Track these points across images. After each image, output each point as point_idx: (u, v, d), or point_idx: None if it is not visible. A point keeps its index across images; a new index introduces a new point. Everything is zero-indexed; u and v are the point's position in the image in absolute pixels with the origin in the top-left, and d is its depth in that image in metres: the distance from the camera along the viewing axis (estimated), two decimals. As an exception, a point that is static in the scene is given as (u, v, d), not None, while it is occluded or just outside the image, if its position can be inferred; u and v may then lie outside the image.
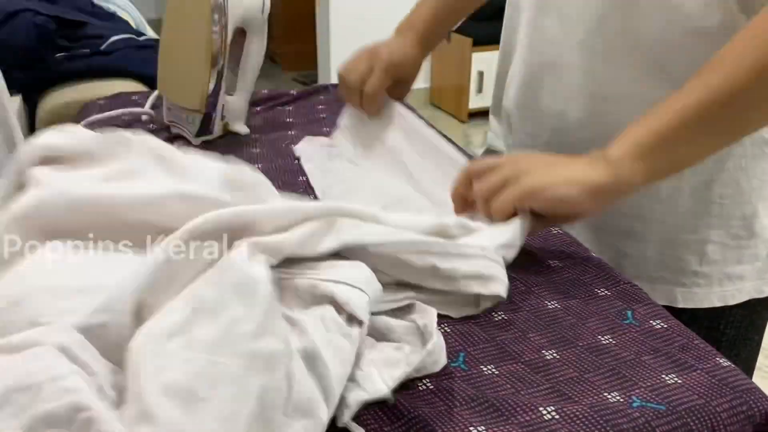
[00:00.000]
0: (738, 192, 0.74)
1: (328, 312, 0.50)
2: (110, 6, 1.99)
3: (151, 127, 1.01)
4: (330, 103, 1.15)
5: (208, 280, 0.48)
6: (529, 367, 0.54)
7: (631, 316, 0.60)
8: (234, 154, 0.93)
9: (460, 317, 0.59)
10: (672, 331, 0.58)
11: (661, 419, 0.48)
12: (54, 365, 0.40)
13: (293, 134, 1.02)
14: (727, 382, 0.52)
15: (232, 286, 0.45)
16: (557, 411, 0.48)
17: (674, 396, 0.50)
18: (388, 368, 0.48)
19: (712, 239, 0.76)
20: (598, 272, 0.67)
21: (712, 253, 0.76)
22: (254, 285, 0.46)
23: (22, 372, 0.40)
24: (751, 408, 0.50)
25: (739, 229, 0.76)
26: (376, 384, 0.47)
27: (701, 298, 0.78)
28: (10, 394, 0.38)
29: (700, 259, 0.77)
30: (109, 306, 0.46)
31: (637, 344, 0.56)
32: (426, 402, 0.49)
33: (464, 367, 0.54)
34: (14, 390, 0.39)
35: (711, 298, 0.78)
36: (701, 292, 0.77)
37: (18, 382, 0.39)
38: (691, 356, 0.55)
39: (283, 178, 0.87)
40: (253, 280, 0.46)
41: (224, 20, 0.88)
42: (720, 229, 0.76)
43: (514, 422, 0.47)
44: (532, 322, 0.59)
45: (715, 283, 0.77)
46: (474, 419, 0.48)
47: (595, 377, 0.52)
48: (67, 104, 1.40)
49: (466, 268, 0.58)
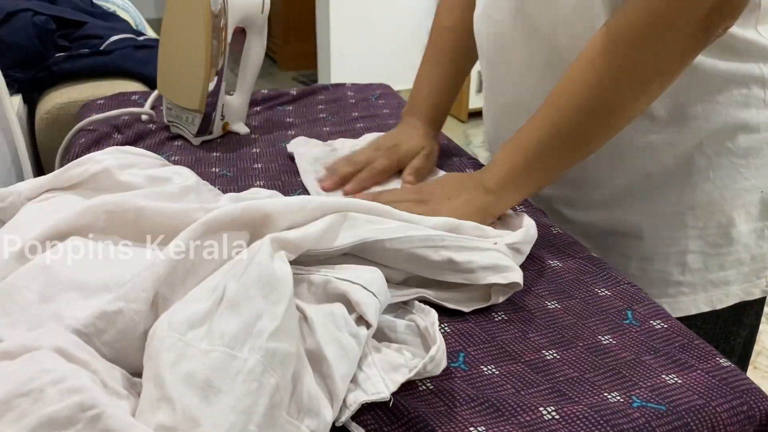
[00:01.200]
0: (709, 202, 0.76)
1: (338, 309, 0.50)
2: (110, 6, 1.99)
3: (151, 127, 1.01)
4: (330, 103, 1.15)
5: (232, 273, 0.48)
6: (529, 367, 0.54)
7: (631, 316, 0.60)
8: (234, 153, 0.93)
9: (460, 318, 0.59)
10: (672, 331, 0.58)
11: (661, 419, 0.48)
12: (53, 368, 0.40)
13: (293, 134, 1.02)
14: (727, 382, 0.52)
15: (255, 282, 0.46)
16: (557, 411, 0.48)
17: (674, 396, 0.50)
18: (389, 372, 0.48)
19: (691, 249, 0.78)
20: (598, 272, 0.67)
21: (693, 263, 0.78)
22: (277, 283, 0.46)
23: (21, 377, 0.39)
24: (751, 408, 0.50)
25: (716, 237, 0.77)
26: (377, 386, 0.47)
27: (688, 306, 0.79)
28: (12, 400, 0.38)
29: (682, 270, 0.78)
30: (126, 295, 0.47)
31: (637, 344, 0.56)
32: (426, 402, 0.49)
33: (464, 367, 0.53)
34: (15, 396, 0.38)
35: (698, 305, 0.79)
36: (687, 300, 0.79)
37: (18, 387, 0.39)
38: (692, 356, 0.55)
39: (283, 178, 0.87)
40: (276, 278, 0.46)
41: (224, 20, 0.88)
42: (698, 239, 0.77)
43: (514, 422, 0.47)
44: (532, 322, 0.59)
45: (700, 290, 0.79)
46: (474, 419, 0.47)
47: (595, 377, 0.52)
48: (66, 104, 1.39)
49: (481, 260, 0.59)
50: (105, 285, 0.49)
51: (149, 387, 0.41)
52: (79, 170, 0.64)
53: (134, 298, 0.47)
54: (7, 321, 0.49)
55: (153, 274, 0.48)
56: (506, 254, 0.61)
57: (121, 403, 0.41)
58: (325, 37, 3.40)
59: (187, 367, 0.41)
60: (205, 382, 0.40)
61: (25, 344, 0.42)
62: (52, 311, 0.48)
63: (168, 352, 0.42)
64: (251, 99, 1.10)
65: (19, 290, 0.50)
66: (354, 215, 0.58)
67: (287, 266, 0.48)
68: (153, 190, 0.61)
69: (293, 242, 0.52)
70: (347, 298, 0.51)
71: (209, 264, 0.51)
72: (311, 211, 0.56)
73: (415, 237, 0.58)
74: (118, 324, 0.46)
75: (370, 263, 0.58)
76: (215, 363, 0.41)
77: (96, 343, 0.46)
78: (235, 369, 0.41)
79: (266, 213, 0.53)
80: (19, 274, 0.52)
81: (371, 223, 0.58)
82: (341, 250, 0.57)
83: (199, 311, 0.45)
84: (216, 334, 0.43)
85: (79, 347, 0.43)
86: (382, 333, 0.54)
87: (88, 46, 1.59)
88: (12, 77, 1.47)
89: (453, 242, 0.59)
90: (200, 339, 0.43)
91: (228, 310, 0.44)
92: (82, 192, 0.65)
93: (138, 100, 1.12)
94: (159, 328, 0.44)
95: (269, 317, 0.44)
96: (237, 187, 0.83)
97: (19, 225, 0.59)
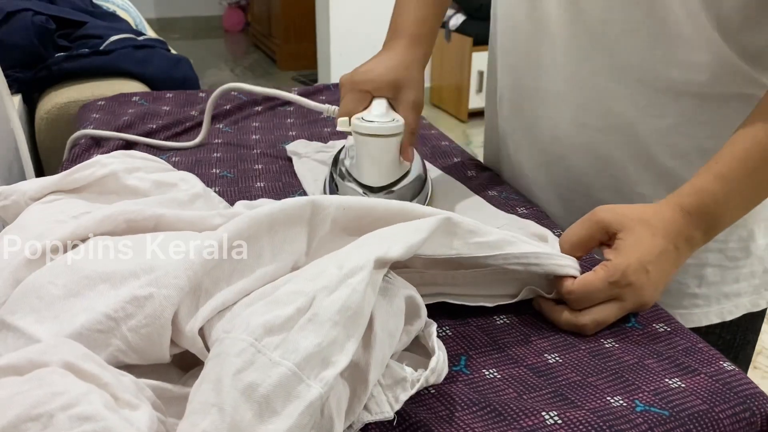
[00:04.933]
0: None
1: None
2: (110, 5, 1.98)
3: (152, 126, 1.00)
4: (330, 103, 1.14)
5: (323, 284, 0.45)
6: (531, 370, 0.53)
7: (634, 320, 0.60)
8: (234, 154, 0.93)
9: (462, 321, 0.59)
10: (675, 334, 0.58)
11: (664, 425, 0.48)
12: (63, 390, 0.39)
13: (294, 135, 1.01)
14: (731, 387, 0.51)
15: (344, 308, 0.43)
16: (560, 416, 0.48)
17: (678, 401, 0.50)
18: (392, 387, 0.48)
19: (710, 262, 0.77)
20: (601, 275, 0.66)
21: (711, 276, 0.77)
22: (362, 319, 0.44)
23: (30, 400, 0.38)
24: (753, 414, 0.50)
25: (735, 251, 0.76)
26: (382, 406, 0.46)
27: (700, 318, 0.78)
28: (20, 424, 0.37)
29: (699, 282, 0.77)
30: (158, 280, 0.46)
31: (640, 348, 0.56)
32: (427, 407, 0.49)
33: (466, 371, 0.53)
34: (24, 419, 0.37)
35: (709, 317, 0.79)
36: (700, 312, 0.78)
37: (27, 411, 0.38)
38: (695, 360, 0.54)
39: (283, 179, 0.86)
40: (363, 314, 0.44)
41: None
42: (718, 253, 0.76)
43: (516, 427, 0.47)
44: (534, 325, 0.59)
45: (713, 303, 0.78)
46: (476, 424, 0.47)
47: (597, 381, 0.52)
48: (66, 104, 1.39)
49: (560, 270, 0.59)
50: (133, 272, 0.48)
51: (207, 388, 0.40)
52: (86, 173, 0.64)
53: (165, 284, 0.46)
54: (36, 317, 0.48)
55: (186, 261, 0.47)
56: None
57: (134, 414, 0.40)
58: (325, 37, 3.40)
59: (251, 377, 0.39)
60: (264, 398, 0.39)
61: (32, 359, 0.42)
62: (83, 305, 0.47)
63: (236, 358, 0.40)
64: (251, 99, 1.09)
65: (45, 286, 0.49)
66: (458, 221, 0.54)
67: (374, 298, 0.46)
68: (164, 197, 0.61)
69: (396, 259, 0.48)
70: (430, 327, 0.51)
71: (261, 261, 0.49)
72: (408, 214, 0.53)
73: (511, 255, 0.56)
74: (147, 308, 0.45)
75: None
76: (280, 380, 0.39)
77: (122, 328, 0.46)
78: (298, 393, 0.39)
79: (364, 212, 0.52)
80: (42, 271, 0.51)
81: (474, 235, 0.55)
82: (434, 258, 0.55)
83: (281, 317, 0.43)
84: (291, 347, 0.41)
85: (87, 359, 0.42)
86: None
87: (88, 46, 1.59)
88: (12, 77, 1.46)
89: (546, 260, 0.57)
90: (275, 347, 0.41)
91: (311, 325, 0.42)
92: (88, 195, 0.64)
93: (138, 101, 1.12)
94: (236, 327, 0.43)
95: (342, 348, 0.42)
96: (237, 188, 0.83)
97: (26, 227, 0.59)
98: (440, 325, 0.55)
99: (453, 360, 0.54)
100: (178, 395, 0.46)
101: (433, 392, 0.50)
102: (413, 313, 0.51)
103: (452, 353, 0.54)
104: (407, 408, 0.47)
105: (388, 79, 0.76)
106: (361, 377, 0.45)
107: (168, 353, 0.47)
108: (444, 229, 0.54)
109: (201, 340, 0.47)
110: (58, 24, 1.59)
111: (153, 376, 0.47)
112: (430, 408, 0.49)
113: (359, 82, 0.76)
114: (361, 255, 0.47)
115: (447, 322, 0.58)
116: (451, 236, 0.55)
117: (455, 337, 0.57)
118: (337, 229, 0.53)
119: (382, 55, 0.80)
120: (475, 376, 0.52)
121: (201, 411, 0.39)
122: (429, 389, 0.50)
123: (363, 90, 0.75)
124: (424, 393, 0.50)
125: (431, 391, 0.50)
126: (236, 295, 0.48)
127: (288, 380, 0.40)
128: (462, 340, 0.57)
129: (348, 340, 0.42)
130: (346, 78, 0.78)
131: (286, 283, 0.48)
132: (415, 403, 0.49)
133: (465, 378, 0.52)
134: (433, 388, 0.50)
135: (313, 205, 0.52)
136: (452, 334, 0.57)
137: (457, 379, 0.52)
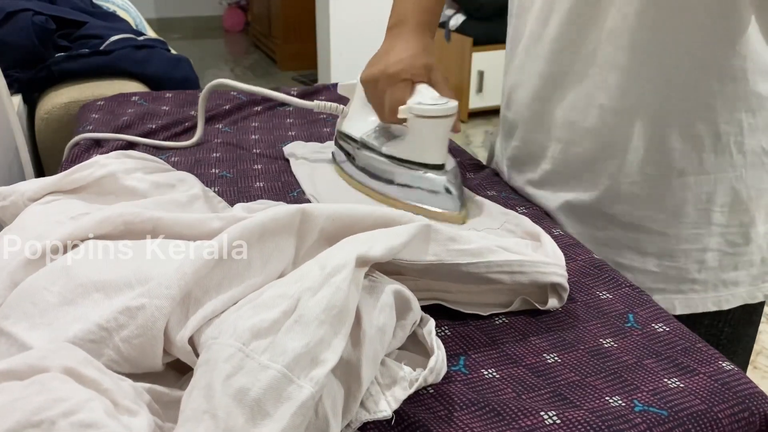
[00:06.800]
0: (737, 201, 0.75)
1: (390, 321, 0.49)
2: (110, 5, 1.98)
3: (152, 126, 1.00)
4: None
5: (307, 286, 0.45)
6: (530, 370, 0.53)
7: (632, 320, 0.60)
8: (234, 154, 0.93)
9: (460, 321, 0.59)
10: (674, 334, 0.58)
11: (662, 425, 0.48)
12: (65, 397, 0.39)
13: (292, 134, 1.01)
14: (729, 386, 0.51)
15: (329, 307, 0.43)
16: (558, 416, 0.48)
17: (676, 401, 0.50)
18: (390, 386, 0.48)
19: (711, 247, 0.77)
20: (600, 275, 0.66)
21: (711, 261, 0.77)
22: (347, 317, 0.44)
23: (31, 406, 0.38)
24: (752, 414, 0.50)
25: (736, 236, 0.77)
26: (380, 404, 0.46)
27: (697, 304, 0.79)
28: (21, 430, 0.37)
29: (699, 267, 0.78)
30: (150, 291, 0.46)
31: (639, 348, 0.56)
32: (426, 407, 0.49)
33: (465, 371, 0.53)
34: (25, 426, 0.37)
35: (706, 303, 0.79)
36: (698, 297, 0.79)
37: (28, 417, 0.38)
38: (694, 360, 0.54)
39: (283, 179, 0.86)
40: (348, 311, 0.44)
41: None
42: (719, 237, 0.77)
43: (515, 427, 0.47)
44: (533, 325, 0.59)
45: (711, 289, 0.78)
46: (474, 424, 0.47)
47: (596, 381, 0.52)
48: (66, 104, 1.39)
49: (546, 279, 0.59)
50: (128, 283, 0.48)
51: (198, 395, 0.40)
52: (84, 174, 0.64)
53: (158, 295, 0.46)
54: (29, 324, 0.48)
55: (179, 272, 0.46)
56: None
57: (134, 421, 0.40)
58: (325, 37, 3.40)
59: (241, 381, 0.40)
60: (256, 401, 0.39)
61: (32, 364, 0.41)
62: (77, 314, 0.47)
63: (225, 364, 0.40)
64: (251, 99, 1.10)
65: (40, 292, 0.49)
66: (438, 228, 0.55)
67: (359, 295, 0.46)
68: (162, 199, 0.61)
69: (377, 259, 0.49)
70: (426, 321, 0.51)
71: (250, 271, 0.49)
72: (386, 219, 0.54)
73: (494, 262, 0.56)
74: (139, 319, 0.45)
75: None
76: (270, 383, 0.40)
77: (115, 339, 0.46)
78: (288, 394, 0.40)
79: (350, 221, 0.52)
80: (39, 275, 0.51)
81: (454, 242, 0.55)
82: (416, 265, 0.55)
83: (267, 320, 0.43)
84: (278, 350, 0.41)
85: (87, 364, 0.42)
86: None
87: (88, 46, 1.59)
88: (12, 77, 1.46)
89: (531, 268, 0.57)
90: (263, 350, 0.41)
91: (298, 326, 0.42)
92: (86, 196, 0.64)
93: (138, 101, 1.12)
94: (223, 332, 0.43)
95: (331, 348, 0.42)
96: (237, 188, 0.83)
97: (24, 227, 0.59)
98: (439, 325, 0.55)
99: (452, 360, 0.54)
100: (175, 399, 0.46)
101: (432, 392, 0.50)
102: (404, 306, 0.51)
103: (451, 353, 0.54)
104: (405, 407, 0.47)
105: (421, 63, 0.79)
106: (354, 374, 0.45)
107: (161, 363, 0.47)
108: (424, 235, 0.54)
109: (192, 349, 0.46)
110: (58, 24, 1.59)
111: (150, 379, 0.47)
112: (428, 408, 0.49)
113: (398, 72, 0.79)
114: (343, 254, 0.47)
115: (446, 322, 0.58)
116: (430, 242, 0.55)
117: (454, 336, 0.57)
118: (323, 239, 0.53)
119: (398, 44, 0.82)
120: (473, 376, 0.53)
121: (194, 418, 0.39)
122: (427, 389, 0.50)
123: (404, 79, 0.78)
124: (422, 392, 0.50)
125: (430, 391, 0.50)
126: (225, 304, 0.48)
127: (278, 382, 0.40)
128: (461, 339, 0.57)
129: (335, 338, 0.43)
130: (374, 73, 0.80)
131: (271, 287, 0.48)
132: (413, 402, 0.49)
133: (464, 378, 0.52)
134: (431, 388, 0.50)
135: (302, 214, 0.52)
136: (451, 333, 0.57)
137: (455, 378, 0.52)
